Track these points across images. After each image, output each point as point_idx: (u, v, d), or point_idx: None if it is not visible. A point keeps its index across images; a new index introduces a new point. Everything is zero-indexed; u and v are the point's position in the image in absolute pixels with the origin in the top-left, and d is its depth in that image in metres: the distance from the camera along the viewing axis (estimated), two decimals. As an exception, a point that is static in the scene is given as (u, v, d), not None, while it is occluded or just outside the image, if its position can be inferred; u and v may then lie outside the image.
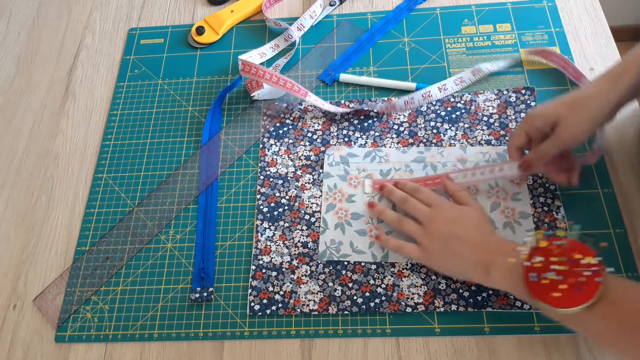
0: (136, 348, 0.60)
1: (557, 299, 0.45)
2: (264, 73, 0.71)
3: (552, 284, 0.45)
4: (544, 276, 0.46)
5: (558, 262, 0.45)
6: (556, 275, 0.45)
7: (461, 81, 0.71)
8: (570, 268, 0.45)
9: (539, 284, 0.46)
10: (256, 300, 0.60)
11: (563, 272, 0.45)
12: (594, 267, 0.44)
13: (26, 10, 0.90)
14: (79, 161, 0.74)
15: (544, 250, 0.47)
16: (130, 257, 0.65)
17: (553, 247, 0.47)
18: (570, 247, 0.46)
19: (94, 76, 0.81)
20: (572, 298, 0.45)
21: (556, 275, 0.45)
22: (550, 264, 0.46)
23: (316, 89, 0.75)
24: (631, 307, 0.44)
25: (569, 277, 0.45)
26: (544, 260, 0.46)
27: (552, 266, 0.45)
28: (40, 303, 0.64)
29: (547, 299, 0.46)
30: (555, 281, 0.45)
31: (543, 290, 0.46)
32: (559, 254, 0.46)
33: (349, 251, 0.62)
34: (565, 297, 0.45)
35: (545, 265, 0.46)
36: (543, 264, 0.46)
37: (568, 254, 0.46)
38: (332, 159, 0.68)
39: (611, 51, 0.73)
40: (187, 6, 0.87)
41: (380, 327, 0.58)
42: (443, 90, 0.71)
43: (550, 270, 0.45)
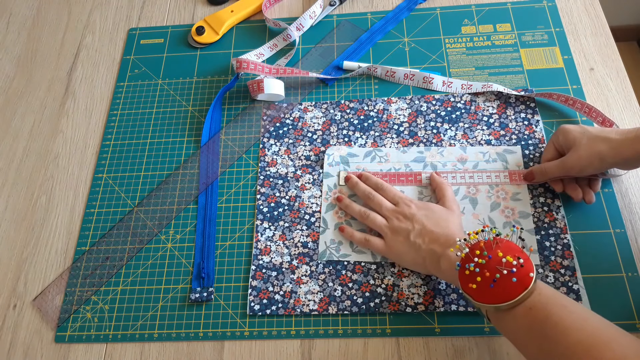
0: (136, 348, 0.60)
1: (473, 290, 0.47)
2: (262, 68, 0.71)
3: (471, 275, 0.47)
4: (466, 267, 0.47)
5: (479, 256, 0.47)
6: (474, 267, 0.47)
7: (469, 87, 0.71)
8: (487, 262, 0.46)
9: (462, 273, 0.48)
10: (256, 300, 0.60)
11: (480, 265, 0.47)
12: (512, 267, 0.45)
13: (26, 10, 0.90)
14: (79, 161, 0.74)
15: (474, 245, 0.49)
16: (130, 257, 0.65)
17: (480, 241, 0.48)
18: (497, 246, 0.47)
19: (94, 76, 0.81)
20: (487, 293, 0.46)
21: (475, 267, 0.47)
22: (474, 256, 0.47)
23: (316, 89, 0.75)
24: (543, 315, 0.44)
25: (485, 271, 0.46)
26: (468, 252, 0.48)
27: (475, 258, 0.47)
28: (40, 303, 0.64)
29: (467, 288, 0.48)
30: (474, 273, 0.47)
31: (465, 279, 0.48)
32: (481, 248, 0.47)
33: (349, 251, 0.62)
34: (479, 289, 0.46)
35: (468, 257, 0.48)
36: (467, 255, 0.48)
37: (490, 250, 0.47)
38: (332, 159, 0.68)
39: (611, 51, 0.73)
40: (187, 6, 0.87)
41: (380, 327, 0.58)
42: (447, 84, 0.71)
43: (471, 262, 0.47)
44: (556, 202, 0.62)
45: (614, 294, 0.57)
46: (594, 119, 0.65)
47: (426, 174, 0.65)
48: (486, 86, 0.70)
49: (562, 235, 0.60)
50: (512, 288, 0.45)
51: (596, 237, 0.60)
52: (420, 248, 0.55)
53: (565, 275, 0.58)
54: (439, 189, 0.62)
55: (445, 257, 0.52)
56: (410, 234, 0.57)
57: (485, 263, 0.46)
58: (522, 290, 0.45)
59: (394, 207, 0.60)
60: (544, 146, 0.66)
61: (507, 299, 0.45)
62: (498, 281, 0.45)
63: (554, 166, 0.59)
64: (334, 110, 0.72)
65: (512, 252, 0.46)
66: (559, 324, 0.43)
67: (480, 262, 0.47)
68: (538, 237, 0.60)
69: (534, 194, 0.63)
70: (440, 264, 0.53)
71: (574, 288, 0.57)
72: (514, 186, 0.63)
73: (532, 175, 0.62)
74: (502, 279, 0.45)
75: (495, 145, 0.67)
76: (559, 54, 0.73)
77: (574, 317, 0.43)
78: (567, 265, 0.58)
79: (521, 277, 0.45)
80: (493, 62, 0.74)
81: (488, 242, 0.48)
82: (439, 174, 0.65)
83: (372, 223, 0.61)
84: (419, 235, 0.56)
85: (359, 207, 0.62)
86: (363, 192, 0.63)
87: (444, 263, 0.52)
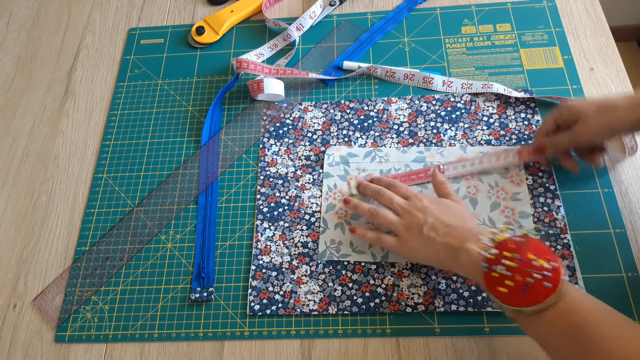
0: (136, 348, 0.60)
1: (503, 294, 0.45)
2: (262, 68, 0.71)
3: (500, 278, 0.46)
4: (494, 268, 0.46)
5: (509, 258, 0.45)
6: (505, 270, 0.45)
7: (469, 87, 0.71)
8: (520, 266, 0.45)
9: (488, 275, 0.47)
10: (256, 300, 0.60)
11: (511, 268, 0.45)
12: (545, 271, 0.44)
13: (26, 10, 0.91)
14: (79, 161, 0.74)
15: (501, 244, 0.47)
16: (130, 257, 0.65)
17: (509, 242, 0.47)
18: (527, 247, 0.46)
19: (94, 76, 0.81)
20: (518, 297, 0.45)
21: (505, 270, 0.45)
22: (502, 257, 0.46)
23: (316, 89, 0.75)
24: (578, 319, 0.43)
25: (516, 275, 0.45)
26: (497, 253, 0.46)
27: (503, 260, 0.46)
28: (40, 303, 0.64)
29: (495, 291, 0.46)
30: (504, 276, 0.45)
31: (492, 282, 0.46)
32: (511, 250, 0.46)
33: (349, 251, 0.62)
34: (511, 294, 0.45)
35: (497, 259, 0.46)
36: (496, 256, 0.46)
37: (521, 252, 0.45)
38: (332, 159, 0.68)
39: (611, 51, 0.73)
40: (187, 6, 0.87)
41: (380, 327, 0.58)
42: (447, 84, 0.71)
43: (500, 264, 0.46)
44: (556, 202, 0.62)
45: (614, 294, 0.56)
46: None
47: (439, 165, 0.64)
48: (486, 86, 0.70)
49: (562, 235, 0.60)
50: (544, 292, 0.44)
51: (596, 237, 0.60)
52: (434, 241, 0.53)
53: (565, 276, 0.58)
54: (443, 186, 0.60)
55: (464, 251, 0.50)
56: (423, 227, 0.55)
57: (516, 267, 0.45)
58: (552, 293, 0.44)
59: (405, 202, 0.58)
60: (544, 146, 0.65)
61: (537, 302, 0.44)
62: (530, 285, 0.44)
63: (565, 138, 0.59)
64: (334, 110, 0.72)
65: (544, 254, 0.45)
66: (596, 331, 0.42)
67: (510, 265, 0.45)
68: (538, 237, 0.60)
69: (534, 194, 0.63)
70: (458, 258, 0.51)
71: (574, 288, 0.57)
72: (514, 186, 0.63)
73: (543, 148, 0.62)
74: (535, 284, 0.44)
75: (495, 145, 0.67)
76: (559, 54, 0.73)
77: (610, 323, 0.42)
78: (567, 265, 0.58)
79: (553, 280, 0.44)
80: (493, 62, 0.74)
81: (518, 243, 0.46)
82: (442, 170, 0.63)
83: (383, 220, 0.58)
84: (433, 229, 0.54)
85: (369, 205, 0.61)
86: (373, 191, 0.62)
87: (463, 257, 0.50)
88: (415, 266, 0.60)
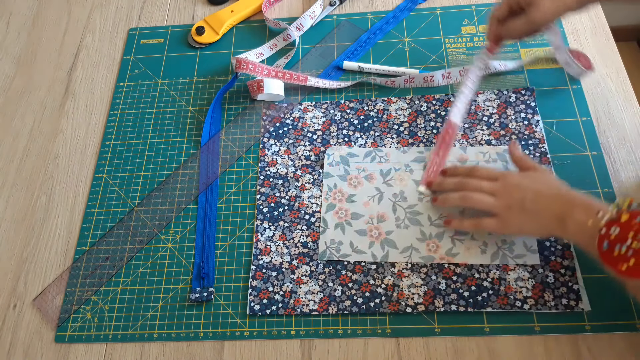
0: (136, 348, 0.60)
1: (624, 270, 0.46)
2: (262, 69, 0.71)
3: (623, 256, 0.46)
4: (617, 248, 0.46)
5: (634, 238, 0.45)
6: (628, 250, 0.45)
7: (466, 71, 0.71)
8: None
9: (609, 253, 0.47)
10: (256, 300, 0.60)
11: (635, 249, 0.45)
12: None
13: (26, 10, 0.90)
14: (79, 161, 0.74)
15: (623, 223, 0.47)
16: (130, 257, 0.65)
17: (634, 223, 0.46)
18: None
19: (94, 76, 0.81)
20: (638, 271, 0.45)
21: (627, 250, 0.45)
22: (626, 238, 0.46)
23: (316, 89, 0.74)
24: None
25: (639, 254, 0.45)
26: (619, 233, 0.46)
27: (627, 241, 0.45)
28: (40, 303, 0.64)
29: (615, 268, 0.46)
30: (626, 255, 0.45)
31: (613, 259, 0.46)
32: (637, 231, 0.45)
33: (349, 251, 0.62)
34: (632, 269, 0.45)
35: (621, 238, 0.46)
36: (617, 236, 0.46)
37: None
38: (332, 159, 0.68)
39: (611, 51, 0.73)
40: (187, 6, 0.87)
41: (380, 327, 0.58)
42: (446, 76, 0.71)
43: (624, 244, 0.45)
44: (556, 202, 0.62)
45: (614, 294, 0.56)
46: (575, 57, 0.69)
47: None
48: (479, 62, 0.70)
49: (562, 235, 0.60)
50: None
51: (596, 237, 0.60)
52: (539, 214, 0.54)
53: (565, 275, 0.58)
54: (525, 159, 0.60)
55: (572, 220, 0.51)
56: (525, 202, 0.54)
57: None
58: None
59: (495, 183, 0.58)
60: (544, 146, 0.65)
61: None
62: None
63: (521, 23, 0.60)
64: (334, 110, 0.72)
65: None
66: None
67: (635, 247, 0.45)
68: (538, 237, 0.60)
69: (534, 194, 0.63)
70: (566, 226, 0.51)
71: (574, 288, 0.57)
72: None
73: (500, 36, 0.64)
74: None
75: (495, 145, 0.67)
76: (559, 54, 0.73)
77: None
78: (567, 265, 0.58)
79: None
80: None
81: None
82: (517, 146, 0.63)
83: (479, 204, 0.58)
84: (535, 202, 0.54)
85: (459, 193, 0.60)
86: (454, 183, 0.61)
87: (572, 226, 0.51)
88: (415, 266, 0.60)
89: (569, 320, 0.56)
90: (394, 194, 0.65)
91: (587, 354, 0.55)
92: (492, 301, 0.57)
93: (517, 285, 0.58)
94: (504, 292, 0.57)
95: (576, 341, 0.55)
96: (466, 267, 0.59)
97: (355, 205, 0.65)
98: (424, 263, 0.60)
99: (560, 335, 0.56)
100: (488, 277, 0.59)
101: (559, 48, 0.69)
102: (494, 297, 0.57)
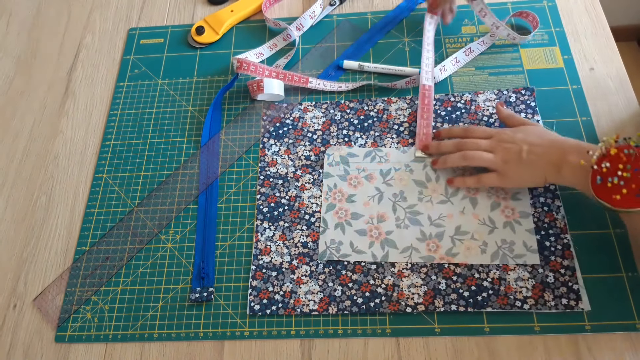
0: (136, 348, 0.60)
1: (617, 200, 0.50)
2: (263, 70, 0.71)
3: (615, 187, 0.50)
4: (610, 180, 0.50)
5: (623, 169, 0.50)
6: (619, 181, 0.50)
7: (457, 61, 0.73)
8: (632, 175, 0.49)
9: (603, 186, 0.51)
10: (256, 300, 0.60)
11: (626, 178, 0.49)
12: None
13: (26, 10, 0.91)
14: (79, 161, 0.74)
15: (613, 157, 0.51)
16: (130, 257, 0.65)
17: (622, 155, 0.50)
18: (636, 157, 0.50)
19: (94, 76, 0.81)
20: (631, 200, 0.49)
21: (619, 180, 0.50)
22: (616, 170, 0.50)
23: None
24: None
25: (631, 183, 0.49)
26: (610, 166, 0.50)
27: (618, 172, 0.50)
28: (40, 303, 0.64)
29: (609, 199, 0.50)
30: (618, 185, 0.50)
31: (606, 191, 0.51)
32: (625, 162, 0.50)
33: (349, 251, 0.62)
34: (624, 199, 0.49)
35: (612, 171, 0.50)
36: (609, 169, 0.50)
37: (634, 163, 0.49)
38: (332, 159, 0.68)
39: (611, 51, 0.73)
40: (187, 6, 0.87)
41: (380, 327, 0.58)
42: (442, 70, 0.72)
43: (615, 175, 0.50)
44: (556, 202, 0.62)
45: (614, 294, 0.57)
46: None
47: None
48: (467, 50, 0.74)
49: (562, 235, 0.60)
50: None
51: (596, 237, 0.60)
52: (536, 163, 0.57)
53: (565, 275, 0.58)
54: (512, 117, 0.64)
55: (567, 164, 0.55)
56: (521, 154, 0.58)
57: (630, 176, 0.49)
58: None
59: (491, 140, 0.61)
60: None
61: None
62: None
63: None
64: (334, 110, 0.72)
65: None
66: None
67: (625, 176, 0.49)
68: (538, 237, 0.60)
69: (534, 193, 0.63)
70: (561, 172, 0.55)
71: (574, 288, 0.57)
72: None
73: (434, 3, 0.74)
74: None
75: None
76: (559, 54, 0.73)
77: None
78: (567, 265, 0.58)
79: None
80: (493, 62, 0.74)
81: (628, 155, 0.50)
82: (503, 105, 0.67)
83: (478, 160, 0.61)
84: (530, 152, 0.58)
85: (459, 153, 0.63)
86: (452, 145, 0.64)
87: (567, 170, 0.55)
88: (415, 266, 0.60)
89: (569, 320, 0.56)
90: (394, 194, 0.65)
91: (587, 354, 0.55)
92: (492, 301, 0.57)
93: (517, 285, 0.58)
94: (504, 292, 0.58)
95: (576, 341, 0.55)
96: (466, 267, 0.59)
97: (355, 205, 0.65)
98: (424, 263, 0.60)
99: (560, 335, 0.56)
100: (488, 277, 0.59)
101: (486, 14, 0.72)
102: (494, 297, 0.57)
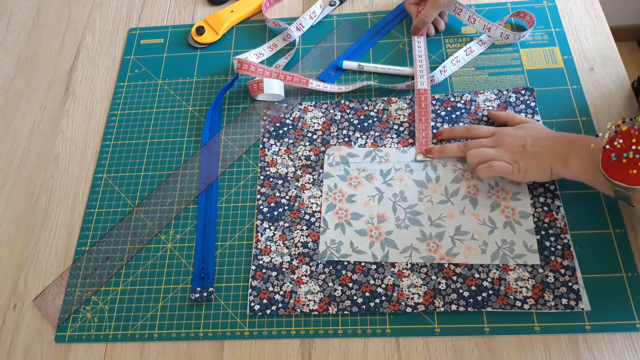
0: (136, 348, 0.60)
1: (633, 176, 0.50)
2: (263, 70, 0.71)
3: (631, 163, 0.50)
4: (625, 155, 0.50)
5: (637, 143, 0.50)
6: (635, 154, 0.49)
7: (457, 61, 0.73)
8: None
9: (617, 164, 0.51)
10: (256, 300, 0.60)
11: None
12: None
13: (26, 10, 0.91)
14: (79, 161, 0.74)
15: (624, 134, 0.51)
16: (130, 257, 0.65)
17: (633, 131, 0.51)
18: None
19: (94, 76, 0.81)
20: None
21: (634, 154, 0.49)
22: (630, 144, 0.50)
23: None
24: None
25: None
26: (623, 142, 0.51)
27: (632, 147, 0.50)
28: (40, 303, 0.64)
29: (624, 177, 0.50)
30: (634, 159, 0.50)
31: (621, 169, 0.51)
32: (638, 136, 0.50)
33: (349, 251, 0.62)
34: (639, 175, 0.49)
35: (627, 146, 0.50)
36: (623, 145, 0.51)
37: None
38: (332, 159, 0.68)
39: (611, 51, 0.73)
40: (187, 6, 0.87)
41: (380, 327, 0.58)
42: (443, 72, 0.72)
43: (630, 150, 0.50)
44: (556, 202, 0.62)
45: (614, 294, 0.57)
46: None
47: None
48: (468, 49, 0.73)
49: (562, 235, 0.60)
50: None
51: (596, 237, 0.60)
52: (541, 154, 0.58)
53: (565, 275, 0.58)
54: (511, 116, 0.65)
55: (575, 154, 0.55)
56: (525, 146, 0.59)
57: None
58: None
59: (494, 137, 0.62)
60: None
61: None
62: None
63: (429, 8, 0.72)
64: (334, 110, 0.72)
65: None
66: None
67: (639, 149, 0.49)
68: (538, 237, 0.60)
69: (534, 194, 0.63)
70: (569, 162, 0.56)
71: (574, 288, 0.57)
72: (514, 186, 0.63)
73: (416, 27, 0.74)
74: None
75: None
76: (559, 54, 0.73)
77: None
78: (567, 265, 0.58)
79: None
80: (493, 62, 0.74)
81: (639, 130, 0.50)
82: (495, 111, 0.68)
83: (483, 157, 0.61)
84: (534, 144, 0.59)
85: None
86: (456, 148, 0.65)
87: (575, 161, 0.55)
88: (415, 266, 0.60)
89: (569, 320, 0.56)
90: (394, 194, 0.65)
91: (587, 354, 0.55)
92: (492, 301, 0.57)
93: (517, 285, 0.58)
94: (504, 292, 0.58)
95: (576, 341, 0.55)
96: (466, 267, 0.60)
97: (355, 205, 0.65)
98: (424, 263, 0.60)
99: (560, 335, 0.56)
100: (488, 277, 0.59)
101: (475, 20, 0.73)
102: (494, 297, 0.57)
